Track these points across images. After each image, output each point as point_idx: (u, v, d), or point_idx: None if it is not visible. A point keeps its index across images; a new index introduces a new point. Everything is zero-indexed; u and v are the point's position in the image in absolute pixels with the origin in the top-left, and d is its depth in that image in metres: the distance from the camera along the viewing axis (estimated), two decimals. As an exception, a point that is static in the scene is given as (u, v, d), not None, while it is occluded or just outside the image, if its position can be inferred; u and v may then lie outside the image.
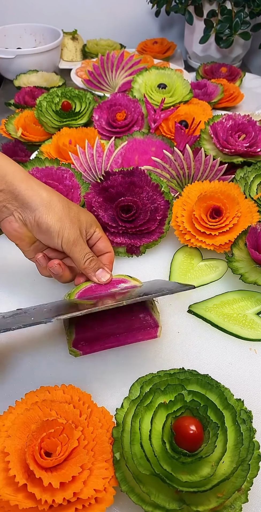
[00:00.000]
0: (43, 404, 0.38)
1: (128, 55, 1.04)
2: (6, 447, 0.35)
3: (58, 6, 1.35)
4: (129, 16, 1.37)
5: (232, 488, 0.34)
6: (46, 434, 0.35)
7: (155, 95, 0.87)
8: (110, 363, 0.49)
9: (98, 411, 0.39)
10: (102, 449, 0.36)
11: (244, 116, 0.72)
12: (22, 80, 1.08)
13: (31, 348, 0.51)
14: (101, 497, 0.34)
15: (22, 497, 0.33)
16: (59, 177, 0.65)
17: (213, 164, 0.68)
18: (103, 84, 1.03)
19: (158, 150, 0.75)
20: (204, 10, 1.15)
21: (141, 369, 0.48)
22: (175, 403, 0.37)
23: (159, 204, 0.60)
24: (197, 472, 0.34)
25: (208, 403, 0.37)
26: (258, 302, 0.55)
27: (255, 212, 0.60)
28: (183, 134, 0.75)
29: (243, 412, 0.38)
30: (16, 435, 0.36)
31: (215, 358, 0.50)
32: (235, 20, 1.10)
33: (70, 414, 0.38)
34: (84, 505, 0.33)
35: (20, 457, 0.35)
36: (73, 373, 0.48)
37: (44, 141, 0.80)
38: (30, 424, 0.37)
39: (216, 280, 0.58)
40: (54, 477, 0.34)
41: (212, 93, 0.95)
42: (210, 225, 0.58)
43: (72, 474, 0.34)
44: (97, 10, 1.36)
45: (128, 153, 0.75)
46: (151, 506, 0.34)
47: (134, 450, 0.35)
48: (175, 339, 0.51)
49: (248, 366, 0.49)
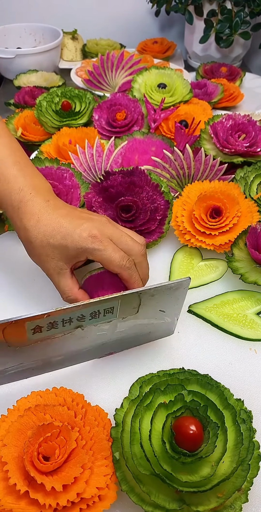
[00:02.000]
0: (36, 409, 0.38)
1: (128, 55, 1.04)
2: (3, 456, 0.35)
3: (58, 6, 1.35)
4: (129, 16, 1.37)
5: (232, 488, 0.34)
6: (43, 439, 0.35)
7: (155, 95, 0.87)
8: (110, 362, 0.49)
9: (93, 409, 0.39)
10: (100, 447, 0.37)
11: (244, 116, 0.72)
12: (22, 80, 1.08)
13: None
14: (104, 495, 0.34)
15: (25, 504, 0.33)
16: (59, 177, 0.65)
17: (213, 164, 0.68)
18: (103, 84, 1.03)
19: (158, 150, 0.75)
20: (204, 10, 1.15)
21: (140, 369, 0.48)
22: (175, 403, 0.37)
23: (159, 204, 0.60)
24: (197, 472, 0.34)
25: (208, 403, 0.37)
26: (258, 302, 0.55)
27: (255, 212, 0.60)
28: (183, 134, 0.75)
29: (243, 412, 0.38)
30: (12, 443, 0.36)
31: (215, 358, 0.50)
32: (235, 20, 1.10)
33: (65, 416, 0.38)
34: (88, 504, 0.33)
35: (18, 464, 0.35)
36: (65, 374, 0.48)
37: (44, 141, 0.80)
38: (25, 430, 0.37)
39: (216, 280, 0.58)
40: (56, 481, 0.34)
41: (212, 93, 0.95)
42: (210, 225, 0.58)
43: (73, 475, 0.34)
44: (97, 10, 1.36)
45: (128, 153, 0.74)
46: (151, 506, 0.34)
47: (134, 450, 0.35)
48: (175, 339, 0.51)
49: (248, 366, 0.49)
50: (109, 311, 0.41)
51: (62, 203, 0.49)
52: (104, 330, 0.43)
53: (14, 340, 0.38)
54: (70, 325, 0.40)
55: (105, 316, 0.41)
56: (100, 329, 0.43)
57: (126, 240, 0.47)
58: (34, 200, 0.47)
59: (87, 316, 0.40)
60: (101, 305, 0.40)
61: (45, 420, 0.37)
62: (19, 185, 0.48)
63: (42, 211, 0.47)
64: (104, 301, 0.39)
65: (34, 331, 0.38)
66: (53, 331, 0.39)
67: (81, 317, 0.40)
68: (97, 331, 0.43)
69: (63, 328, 0.39)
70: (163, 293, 0.42)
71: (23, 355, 0.41)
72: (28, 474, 0.34)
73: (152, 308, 0.44)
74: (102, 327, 0.43)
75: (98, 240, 0.45)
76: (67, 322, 0.39)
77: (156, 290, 0.41)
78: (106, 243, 0.45)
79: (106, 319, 0.42)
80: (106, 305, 0.40)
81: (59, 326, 0.39)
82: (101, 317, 0.41)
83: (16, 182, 0.48)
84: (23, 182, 0.48)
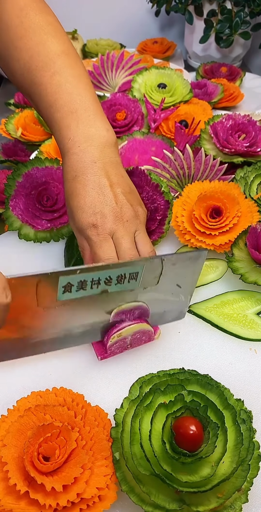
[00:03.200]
0: (36, 409, 0.38)
1: (128, 55, 1.04)
2: (3, 456, 0.35)
3: (58, 6, 1.35)
4: (129, 16, 1.37)
5: (232, 488, 0.34)
6: (43, 439, 0.35)
7: (155, 95, 0.87)
8: (110, 362, 0.49)
9: (93, 410, 0.39)
10: (101, 447, 0.37)
11: (244, 116, 0.72)
12: (22, 80, 1.08)
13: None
14: (104, 495, 0.34)
15: (25, 504, 0.33)
16: (59, 177, 0.65)
17: (213, 164, 0.68)
18: (103, 83, 1.03)
19: (158, 150, 0.75)
20: (204, 10, 1.15)
21: (140, 369, 0.48)
22: (175, 403, 0.37)
23: (159, 204, 0.60)
24: (197, 472, 0.34)
25: (208, 403, 0.37)
26: (258, 302, 0.55)
27: (255, 212, 0.60)
28: (183, 134, 0.75)
29: (243, 412, 0.38)
30: (12, 443, 0.36)
31: (215, 358, 0.49)
32: (235, 19, 1.10)
33: (65, 416, 0.38)
34: (88, 505, 0.33)
35: (18, 465, 0.35)
36: (65, 374, 0.48)
37: (44, 141, 0.80)
38: (25, 431, 0.37)
39: (216, 280, 0.58)
40: (56, 481, 0.34)
41: (212, 92, 0.95)
42: (210, 225, 0.58)
43: (74, 476, 0.34)
44: (97, 10, 1.36)
45: (128, 153, 0.74)
46: (151, 506, 0.34)
47: (134, 450, 0.35)
48: (175, 339, 0.51)
49: (248, 366, 0.49)
50: (134, 277, 0.43)
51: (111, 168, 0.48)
52: (126, 300, 0.45)
53: (44, 298, 0.40)
54: (97, 288, 0.41)
55: (129, 282, 0.43)
56: (122, 298, 0.45)
57: (125, 248, 0.46)
58: (79, 154, 0.46)
59: (114, 279, 0.42)
60: (128, 267, 0.42)
61: (45, 420, 0.37)
62: (69, 134, 0.47)
63: (80, 172, 0.46)
64: (131, 263, 0.42)
65: (65, 289, 0.40)
66: (81, 293, 0.41)
67: (108, 279, 0.41)
68: (119, 300, 0.45)
69: (91, 290, 0.41)
70: (183, 263, 0.45)
71: (49, 321, 0.42)
72: (28, 475, 0.34)
73: (170, 280, 0.46)
74: (124, 296, 0.45)
75: (95, 232, 0.45)
76: (95, 284, 0.41)
77: (177, 258, 0.44)
78: (102, 237, 0.45)
79: (130, 286, 0.44)
80: (132, 268, 0.42)
81: (88, 288, 0.41)
82: (125, 283, 0.43)
83: (68, 130, 0.47)
84: (75, 132, 0.47)
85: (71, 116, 0.47)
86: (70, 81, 0.49)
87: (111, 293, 0.43)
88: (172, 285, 0.47)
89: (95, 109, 0.49)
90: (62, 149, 0.49)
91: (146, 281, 0.44)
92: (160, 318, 0.50)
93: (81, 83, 0.50)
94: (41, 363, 0.48)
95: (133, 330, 0.46)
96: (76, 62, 0.51)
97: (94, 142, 0.47)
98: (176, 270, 0.45)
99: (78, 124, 0.47)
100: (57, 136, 0.49)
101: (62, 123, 0.48)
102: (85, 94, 0.49)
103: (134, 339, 0.47)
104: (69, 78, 0.49)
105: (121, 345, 0.47)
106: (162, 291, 0.46)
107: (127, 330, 0.45)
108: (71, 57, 0.51)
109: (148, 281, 0.44)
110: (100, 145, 0.47)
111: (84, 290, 0.41)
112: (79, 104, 0.48)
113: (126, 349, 0.48)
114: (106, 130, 0.49)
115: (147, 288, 0.45)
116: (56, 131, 0.49)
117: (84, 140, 0.47)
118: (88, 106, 0.49)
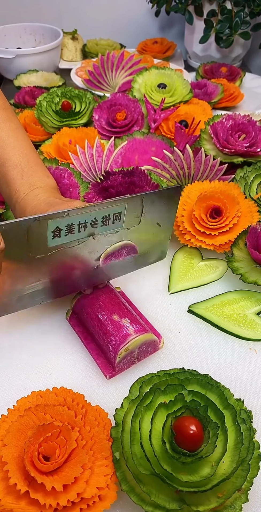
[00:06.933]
0: (36, 409, 0.38)
1: (128, 55, 1.04)
2: (3, 456, 0.35)
3: (58, 6, 1.35)
4: (129, 16, 1.37)
5: (232, 488, 0.34)
6: (43, 439, 0.35)
7: (155, 95, 0.87)
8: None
9: (93, 409, 0.39)
10: (101, 447, 0.37)
11: (244, 116, 0.72)
12: (22, 80, 1.08)
13: (18, 353, 0.50)
14: (104, 495, 0.34)
15: (25, 504, 0.33)
16: (58, 177, 0.64)
17: (213, 164, 0.68)
18: (103, 84, 1.03)
19: (158, 150, 0.75)
20: (204, 10, 1.15)
21: (140, 369, 0.48)
22: (175, 403, 0.37)
23: (159, 204, 0.60)
24: (197, 472, 0.34)
25: (208, 403, 0.37)
26: (258, 302, 0.55)
27: (255, 212, 0.60)
28: (183, 134, 0.75)
29: (243, 412, 0.38)
30: (12, 443, 0.36)
31: (215, 358, 0.50)
32: (235, 20, 1.10)
33: (65, 416, 0.38)
34: (88, 504, 0.33)
35: (18, 464, 0.35)
36: (65, 375, 0.48)
37: (44, 141, 0.80)
38: (25, 430, 0.37)
39: (216, 280, 0.58)
40: (56, 481, 0.34)
41: (212, 93, 0.95)
42: (210, 225, 0.58)
43: (74, 475, 0.34)
44: (97, 10, 1.36)
45: (128, 153, 0.74)
46: (151, 506, 0.34)
47: (134, 450, 0.35)
48: (175, 339, 0.51)
49: (248, 366, 0.49)
50: (118, 217, 0.45)
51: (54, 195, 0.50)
52: (112, 242, 0.48)
53: (36, 244, 0.41)
54: (84, 231, 0.44)
55: (114, 223, 0.46)
56: (108, 241, 0.47)
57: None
58: (25, 199, 0.49)
59: (99, 221, 0.44)
60: (111, 208, 0.44)
61: (46, 420, 0.37)
62: (16, 186, 0.50)
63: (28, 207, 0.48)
64: (113, 203, 0.44)
65: (54, 235, 0.41)
66: (70, 237, 0.43)
67: (94, 221, 0.44)
68: (106, 243, 0.47)
69: (78, 234, 0.43)
70: (161, 200, 0.48)
71: (41, 269, 0.44)
72: (29, 474, 0.34)
73: (150, 219, 0.49)
74: (110, 239, 0.47)
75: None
76: (82, 227, 0.43)
77: (155, 195, 0.47)
78: None
79: (114, 227, 0.46)
80: (115, 209, 0.44)
81: (76, 232, 0.43)
82: (110, 224, 0.45)
83: (14, 184, 0.50)
84: (20, 183, 0.50)
85: (16, 169, 0.51)
86: (11, 135, 0.53)
87: (98, 238, 0.45)
88: (153, 224, 0.50)
89: (36, 159, 0.53)
90: (10, 201, 0.51)
91: (129, 221, 0.47)
92: (145, 259, 0.54)
93: (20, 134, 0.54)
94: (42, 363, 0.49)
95: (139, 342, 0.46)
96: (13, 114, 0.55)
97: (37, 186, 0.50)
98: (155, 208, 0.48)
99: (23, 176, 0.51)
100: (4, 189, 0.52)
101: (8, 177, 0.51)
102: (26, 146, 0.53)
103: (141, 352, 0.48)
104: (10, 132, 0.53)
105: (129, 360, 0.47)
106: (144, 230, 0.49)
107: (134, 343, 0.45)
108: (8, 110, 0.55)
109: (131, 221, 0.47)
110: (43, 187, 0.51)
111: (72, 234, 0.43)
112: (22, 157, 0.52)
113: (134, 363, 0.48)
114: (47, 177, 0.53)
115: (130, 228, 0.48)
116: (3, 184, 0.52)
117: (28, 187, 0.50)
118: (30, 157, 0.53)
